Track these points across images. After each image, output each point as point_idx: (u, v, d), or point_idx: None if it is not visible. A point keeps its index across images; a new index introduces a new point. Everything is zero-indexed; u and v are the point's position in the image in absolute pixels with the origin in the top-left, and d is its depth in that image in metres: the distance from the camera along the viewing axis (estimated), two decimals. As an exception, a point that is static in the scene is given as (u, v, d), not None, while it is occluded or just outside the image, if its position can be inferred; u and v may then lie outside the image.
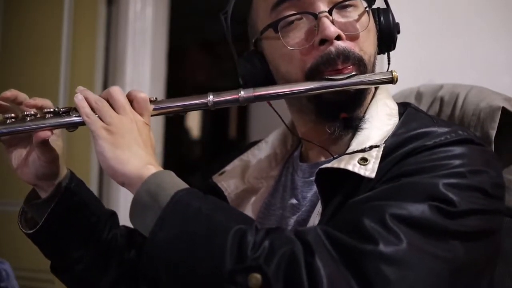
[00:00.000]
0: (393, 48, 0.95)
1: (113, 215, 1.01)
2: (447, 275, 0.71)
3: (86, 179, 2.25)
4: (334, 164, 0.82)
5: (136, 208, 0.78)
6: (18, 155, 0.90)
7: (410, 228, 0.70)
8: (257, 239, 0.70)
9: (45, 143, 0.87)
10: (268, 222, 0.98)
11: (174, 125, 3.86)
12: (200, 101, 0.88)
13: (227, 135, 5.05)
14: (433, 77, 0.95)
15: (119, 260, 0.99)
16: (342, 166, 0.81)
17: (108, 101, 0.84)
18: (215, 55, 5.02)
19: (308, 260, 0.67)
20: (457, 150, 0.78)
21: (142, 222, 0.77)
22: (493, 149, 0.91)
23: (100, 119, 0.82)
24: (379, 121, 0.89)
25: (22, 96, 0.89)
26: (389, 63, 0.95)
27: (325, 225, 0.75)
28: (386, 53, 0.95)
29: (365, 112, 0.91)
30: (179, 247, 0.72)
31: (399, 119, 0.89)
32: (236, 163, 1.07)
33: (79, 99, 0.84)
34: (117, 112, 0.83)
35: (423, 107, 1.07)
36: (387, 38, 0.93)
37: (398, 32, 0.93)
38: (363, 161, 0.81)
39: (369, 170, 0.79)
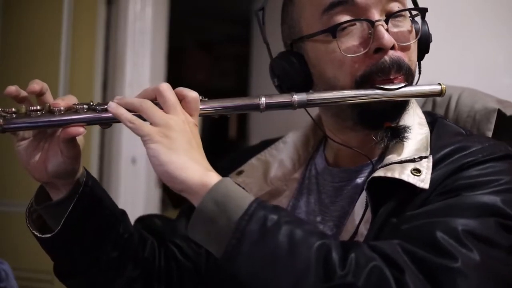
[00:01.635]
0: (423, 58, 0.95)
1: (125, 214, 0.98)
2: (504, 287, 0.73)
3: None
4: (387, 173, 0.82)
5: (200, 218, 0.73)
6: (30, 150, 0.83)
7: (480, 243, 0.72)
8: (341, 255, 0.69)
9: (72, 139, 0.81)
10: None
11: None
12: (251, 102, 0.85)
13: (227, 135, 5.05)
14: (433, 77, 0.95)
15: (135, 260, 0.96)
16: (396, 176, 0.81)
17: (154, 100, 0.80)
18: (215, 55, 5.02)
19: (397, 276, 0.67)
20: (504, 165, 0.81)
21: (206, 234, 0.74)
22: None
23: (149, 121, 0.77)
24: (414, 131, 0.89)
25: (45, 86, 0.82)
26: (420, 73, 0.95)
27: (397, 238, 0.74)
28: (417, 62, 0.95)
29: (400, 121, 0.91)
30: (261, 261, 0.69)
31: (430, 129, 0.91)
32: (253, 163, 1.04)
33: (113, 107, 0.78)
34: (166, 112, 0.78)
35: None
36: (423, 47, 0.93)
37: (431, 41, 0.94)
38: (416, 171, 0.81)
39: (423, 181, 0.80)
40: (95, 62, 2.35)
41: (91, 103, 0.80)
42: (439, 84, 0.88)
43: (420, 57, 0.94)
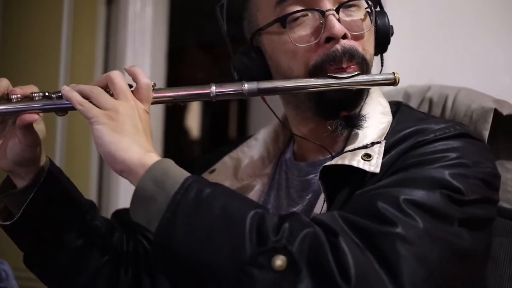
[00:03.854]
0: (385, 50, 0.95)
1: (93, 205, 0.98)
2: (456, 261, 0.72)
3: (86, 176, 2.26)
4: (338, 161, 0.82)
5: (139, 197, 0.74)
6: None
7: (424, 212, 0.71)
8: (275, 223, 0.69)
9: (28, 126, 0.83)
10: None
11: (173, 124, 3.86)
12: (202, 91, 0.86)
13: (227, 134, 5.05)
14: (433, 77, 0.95)
15: (102, 247, 0.97)
16: (346, 162, 0.81)
17: (106, 88, 0.82)
18: (215, 55, 5.02)
19: (332, 240, 0.67)
20: (456, 143, 0.80)
21: (145, 212, 0.74)
22: None
23: (98, 106, 0.79)
24: (375, 120, 0.90)
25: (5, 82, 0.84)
26: (382, 65, 0.96)
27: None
28: (380, 55, 0.96)
29: (360, 110, 0.91)
30: (196, 233, 0.70)
31: (393, 117, 0.91)
32: (226, 161, 1.06)
33: (67, 90, 0.81)
34: (117, 98, 0.80)
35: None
36: (383, 39, 0.93)
37: (392, 34, 0.94)
38: (367, 157, 0.82)
39: (374, 166, 0.80)
40: (95, 62, 2.35)
41: (47, 92, 0.82)
42: (393, 73, 0.89)
43: (382, 49, 0.94)
